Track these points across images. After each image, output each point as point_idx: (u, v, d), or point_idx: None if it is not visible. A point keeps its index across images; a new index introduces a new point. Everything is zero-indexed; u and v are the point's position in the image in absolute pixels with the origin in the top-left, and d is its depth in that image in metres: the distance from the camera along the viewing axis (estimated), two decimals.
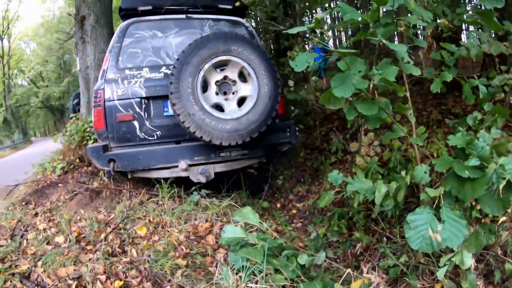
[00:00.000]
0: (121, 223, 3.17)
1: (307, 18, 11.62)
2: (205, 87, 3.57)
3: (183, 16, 4.23)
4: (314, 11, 12.38)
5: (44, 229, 3.27)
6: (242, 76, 3.68)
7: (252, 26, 4.74)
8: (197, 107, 3.37)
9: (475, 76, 2.39)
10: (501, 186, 1.62)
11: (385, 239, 2.78)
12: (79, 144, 5.50)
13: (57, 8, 37.93)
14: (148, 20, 4.12)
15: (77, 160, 5.38)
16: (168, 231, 2.99)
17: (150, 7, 4.23)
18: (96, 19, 6.42)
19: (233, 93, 3.64)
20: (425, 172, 2.04)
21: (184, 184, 3.85)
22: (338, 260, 2.97)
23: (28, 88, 38.59)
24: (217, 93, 3.60)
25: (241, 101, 3.67)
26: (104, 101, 3.76)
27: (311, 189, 4.88)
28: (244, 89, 3.65)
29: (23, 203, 4.43)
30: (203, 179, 3.74)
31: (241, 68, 3.60)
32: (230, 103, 3.62)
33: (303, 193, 4.88)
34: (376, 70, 2.04)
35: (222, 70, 3.64)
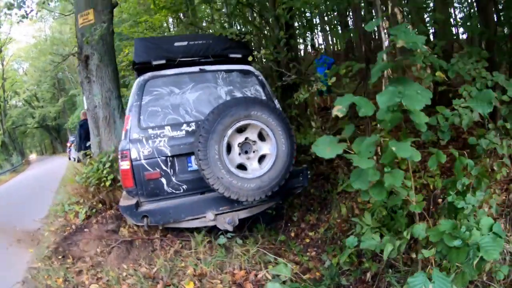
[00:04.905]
0: (167, 278, 3.50)
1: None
2: (228, 149, 3.87)
3: (197, 69, 4.43)
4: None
5: None
6: (261, 136, 4.01)
7: (260, 71, 5.01)
8: (224, 171, 3.71)
9: (465, 154, 2.76)
10: (475, 263, 2.23)
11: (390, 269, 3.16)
12: (97, 186, 5.64)
13: (48, 27, 37.78)
14: (163, 75, 4.29)
15: (99, 205, 5.50)
16: (212, 282, 3.34)
17: (163, 61, 4.47)
18: (100, 58, 6.42)
19: (254, 152, 3.98)
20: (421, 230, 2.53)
21: (210, 227, 4.21)
22: (351, 287, 3.34)
23: (24, 109, 38.35)
24: (239, 154, 3.94)
25: (261, 159, 4.01)
26: (131, 161, 3.97)
27: (321, 218, 5.14)
28: (263, 148, 4.00)
29: (59, 256, 4.42)
30: (230, 228, 4.10)
31: (260, 129, 3.94)
32: (252, 161, 3.97)
33: (313, 221, 5.15)
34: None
35: (243, 132, 3.95)
